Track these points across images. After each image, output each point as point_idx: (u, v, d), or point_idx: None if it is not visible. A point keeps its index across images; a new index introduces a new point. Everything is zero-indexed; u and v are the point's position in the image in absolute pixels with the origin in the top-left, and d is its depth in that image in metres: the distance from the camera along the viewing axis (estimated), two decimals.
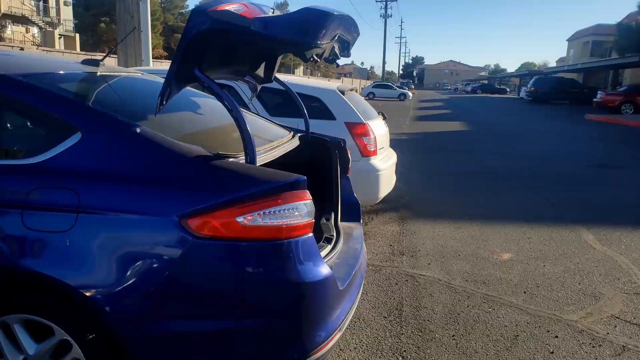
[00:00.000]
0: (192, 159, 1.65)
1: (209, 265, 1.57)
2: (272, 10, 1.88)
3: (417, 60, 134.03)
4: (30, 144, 1.92)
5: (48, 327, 1.66)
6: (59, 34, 33.72)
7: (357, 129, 4.35)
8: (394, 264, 3.76)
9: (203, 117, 2.41)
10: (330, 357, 2.48)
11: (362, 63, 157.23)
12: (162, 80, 1.84)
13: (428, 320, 2.90)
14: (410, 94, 40.44)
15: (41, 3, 36.97)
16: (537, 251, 4.15)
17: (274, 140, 2.28)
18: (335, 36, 1.88)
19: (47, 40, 28.33)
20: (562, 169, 8.17)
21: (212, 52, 1.86)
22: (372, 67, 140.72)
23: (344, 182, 2.77)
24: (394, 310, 3.02)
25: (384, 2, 59.89)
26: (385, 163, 4.52)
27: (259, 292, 1.61)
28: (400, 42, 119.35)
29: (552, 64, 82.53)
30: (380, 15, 61.94)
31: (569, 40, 50.97)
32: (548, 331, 2.81)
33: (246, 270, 1.59)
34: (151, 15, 9.04)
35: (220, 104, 1.82)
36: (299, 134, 2.57)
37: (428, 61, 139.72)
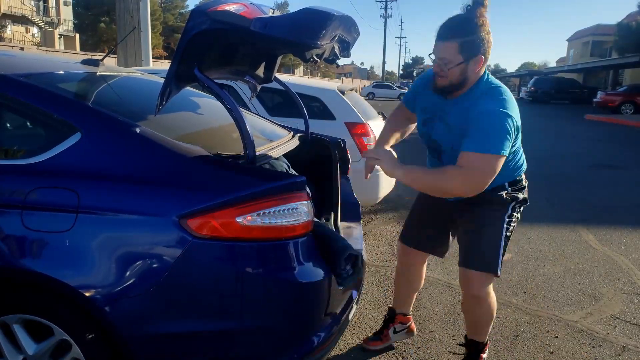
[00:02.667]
0: (191, 159, 1.65)
1: (208, 266, 1.57)
2: (272, 11, 1.88)
3: (417, 60, 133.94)
4: (30, 144, 1.92)
5: (47, 327, 1.66)
6: (59, 34, 33.72)
7: (357, 129, 4.34)
8: (394, 264, 3.75)
9: (203, 117, 2.41)
10: (330, 357, 2.48)
11: (362, 63, 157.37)
12: (161, 80, 1.84)
13: (428, 320, 2.90)
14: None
15: (41, 3, 36.98)
16: (537, 251, 4.15)
17: (274, 140, 2.28)
18: (335, 36, 1.88)
19: (47, 40, 28.32)
20: (562, 169, 8.17)
21: (211, 52, 1.86)
22: (372, 67, 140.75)
23: (343, 182, 2.77)
24: None
25: (384, 2, 59.90)
26: None
27: (259, 292, 1.61)
28: (400, 42, 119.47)
29: (552, 64, 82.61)
30: (380, 15, 61.93)
31: (569, 40, 50.99)
32: (548, 331, 2.81)
33: (245, 270, 1.58)
34: (151, 15, 9.03)
35: (220, 104, 1.82)
36: (298, 134, 2.57)
37: (428, 61, 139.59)
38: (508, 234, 2.12)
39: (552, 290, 3.38)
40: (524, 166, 2.18)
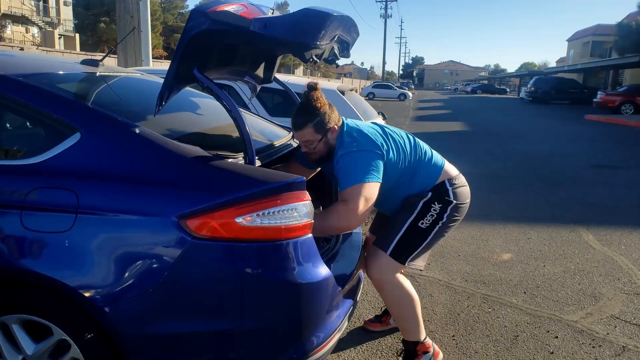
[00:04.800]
0: (191, 159, 1.65)
1: (207, 266, 1.57)
2: (272, 11, 1.88)
3: (417, 61, 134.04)
4: (29, 145, 1.92)
5: (46, 327, 1.66)
6: (59, 34, 33.73)
7: None
8: None
9: (202, 118, 2.41)
10: (330, 357, 2.48)
11: (362, 63, 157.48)
12: (161, 81, 1.84)
13: (428, 320, 2.90)
14: (410, 94, 40.41)
15: (41, 3, 36.99)
16: (537, 251, 4.15)
17: (274, 140, 2.28)
18: (334, 37, 1.87)
19: (47, 40, 28.33)
20: (562, 169, 8.17)
21: (211, 52, 1.85)
22: (372, 67, 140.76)
23: None
24: None
25: (384, 2, 59.92)
26: None
27: (258, 293, 1.61)
28: (400, 42, 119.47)
29: (552, 64, 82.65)
30: (380, 16, 61.98)
31: (569, 40, 50.98)
32: (548, 331, 2.81)
33: (245, 270, 1.58)
34: (151, 15, 9.03)
35: (220, 104, 1.82)
36: None
37: (428, 61, 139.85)
38: (419, 224, 2.25)
39: (552, 290, 3.38)
40: (440, 170, 2.32)
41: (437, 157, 2.37)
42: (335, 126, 2.15)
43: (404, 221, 2.26)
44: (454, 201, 2.28)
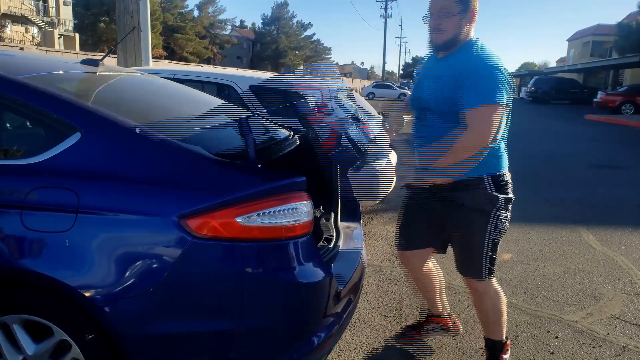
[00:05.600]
0: (191, 159, 1.65)
1: (208, 266, 1.57)
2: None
3: (417, 61, 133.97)
4: (29, 144, 1.92)
5: (47, 327, 1.65)
6: (59, 34, 33.74)
7: None
8: (394, 265, 3.75)
9: (203, 117, 2.40)
10: (330, 357, 2.48)
11: (362, 63, 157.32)
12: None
13: None
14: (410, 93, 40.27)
15: (41, 3, 37.00)
16: (537, 251, 4.15)
17: (274, 140, 2.28)
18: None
19: (46, 40, 28.35)
20: (562, 169, 8.16)
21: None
22: (372, 67, 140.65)
23: (343, 182, 2.76)
24: (394, 311, 3.02)
25: (384, 2, 59.89)
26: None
27: (258, 293, 1.61)
28: (400, 42, 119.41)
29: (552, 64, 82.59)
30: (380, 15, 61.97)
31: (569, 40, 51.02)
32: (548, 331, 2.81)
33: (245, 270, 1.58)
34: (151, 15, 9.03)
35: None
36: (298, 134, 2.57)
37: None
38: (496, 236, 2.19)
39: (553, 290, 3.38)
40: (505, 161, 2.18)
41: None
42: (474, 11, 2.02)
43: (482, 240, 2.16)
44: (512, 196, 2.17)
